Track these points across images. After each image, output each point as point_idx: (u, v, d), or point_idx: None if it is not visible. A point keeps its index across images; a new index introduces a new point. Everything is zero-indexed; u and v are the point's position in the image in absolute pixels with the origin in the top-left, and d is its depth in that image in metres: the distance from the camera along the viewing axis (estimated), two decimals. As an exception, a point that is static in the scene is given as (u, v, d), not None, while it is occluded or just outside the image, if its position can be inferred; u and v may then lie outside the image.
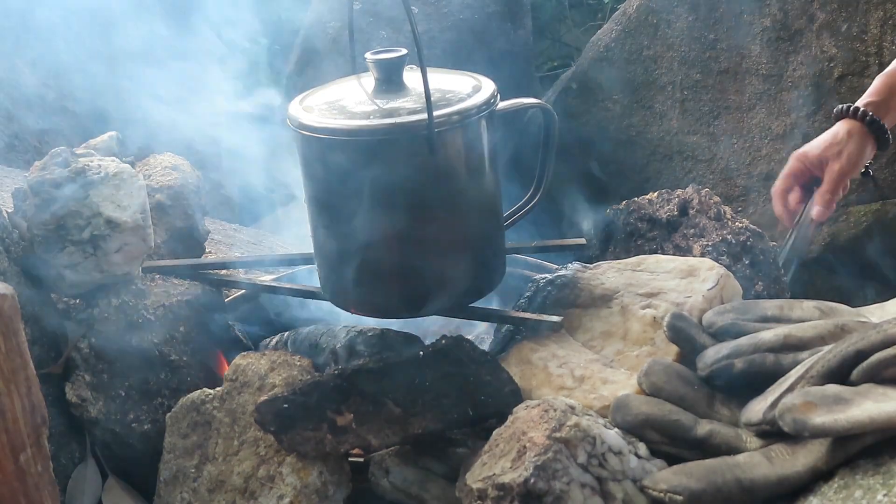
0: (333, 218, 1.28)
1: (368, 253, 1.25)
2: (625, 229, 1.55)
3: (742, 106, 2.92)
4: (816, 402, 0.96)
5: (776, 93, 2.85)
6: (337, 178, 1.24)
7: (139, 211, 1.42)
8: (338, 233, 1.28)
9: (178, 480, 1.30)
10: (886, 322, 1.01)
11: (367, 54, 1.27)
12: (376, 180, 1.21)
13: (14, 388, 1.03)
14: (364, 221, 1.24)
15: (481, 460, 1.08)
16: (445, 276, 1.28)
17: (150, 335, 1.40)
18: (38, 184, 1.38)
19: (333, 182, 1.25)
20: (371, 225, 1.24)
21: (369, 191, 1.21)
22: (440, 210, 1.24)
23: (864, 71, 2.73)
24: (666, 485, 1.01)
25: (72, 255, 1.38)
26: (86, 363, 1.38)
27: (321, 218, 1.30)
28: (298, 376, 1.27)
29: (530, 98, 1.36)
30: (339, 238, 1.28)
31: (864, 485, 0.93)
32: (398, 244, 1.25)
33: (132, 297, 1.41)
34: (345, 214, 1.25)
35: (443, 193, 1.24)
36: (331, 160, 1.24)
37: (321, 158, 1.25)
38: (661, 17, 2.91)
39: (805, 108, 2.80)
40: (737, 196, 2.96)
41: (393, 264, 1.26)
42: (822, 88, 2.76)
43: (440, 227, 1.25)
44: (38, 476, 1.07)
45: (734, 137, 2.93)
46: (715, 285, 1.27)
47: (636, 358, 1.21)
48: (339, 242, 1.29)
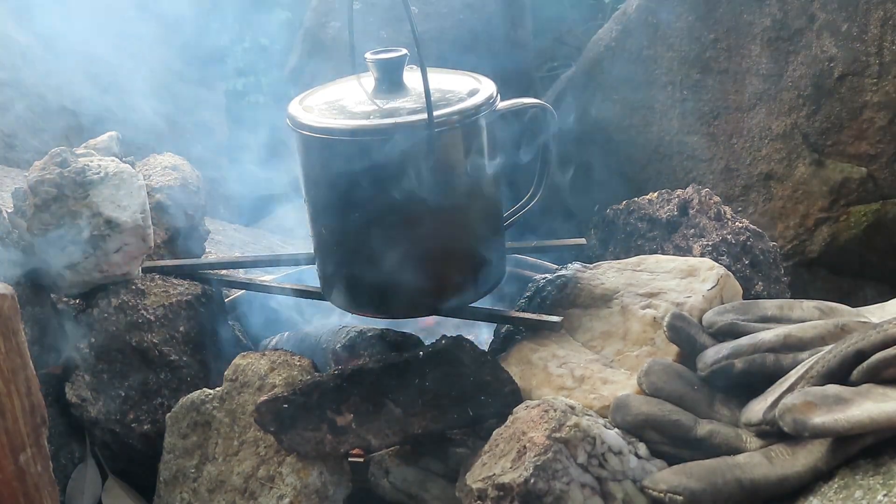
0: (333, 218, 1.28)
1: (368, 253, 1.25)
2: (625, 229, 1.55)
3: (742, 106, 2.92)
4: (816, 402, 0.96)
5: (776, 93, 2.85)
6: (337, 177, 1.24)
7: (139, 211, 1.42)
8: (338, 233, 1.28)
9: (178, 480, 1.30)
10: (886, 322, 1.01)
11: (367, 54, 1.27)
12: (376, 180, 1.21)
13: (14, 388, 1.03)
14: (364, 221, 1.24)
15: (481, 460, 1.08)
16: (445, 275, 1.28)
17: (150, 335, 1.40)
18: (38, 184, 1.38)
19: (333, 182, 1.25)
20: (371, 225, 1.24)
21: (369, 191, 1.21)
22: (440, 210, 1.24)
23: (864, 71, 2.73)
24: (666, 485, 1.01)
25: (72, 255, 1.38)
26: (86, 363, 1.38)
27: (321, 218, 1.30)
28: (298, 376, 1.27)
29: (530, 98, 1.36)
30: (339, 238, 1.28)
31: (864, 485, 0.93)
32: (398, 244, 1.25)
33: (132, 297, 1.41)
34: (345, 214, 1.25)
35: (442, 193, 1.24)
36: (331, 160, 1.24)
37: (321, 158, 1.25)
38: (661, 17, 2.91)
39: (805, 107, 2.80)
40: (737, 196, 2.96)
41: (393, 264, 1.26)
42: (822, 88, 2.75)
43: (440, 227, 1.25)
44: (38, 476, 1.08)
45: (734, 137, 2.93)
46: (715, 285, 1.27)
47: (636, 358, 1.21)
48: (339, 242, 1.29)
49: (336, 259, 1.31)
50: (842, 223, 2.79)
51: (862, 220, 2.79)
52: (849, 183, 2.78)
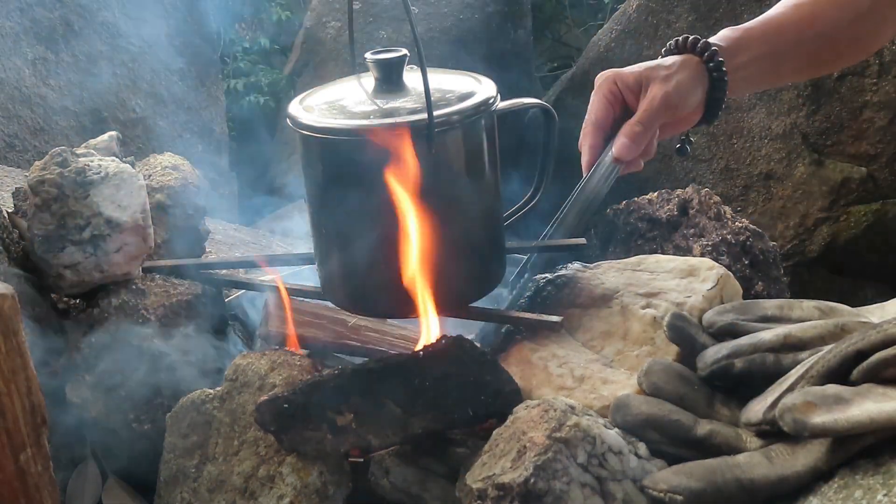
0: (333, 217, 1.28)
1: (368, 253, 1.26)
2: (625, 229, 1.55)
3: (742, 106, 2.92)
4: (816, 402, 0.96)
5: (776, 93, 2.85)
6: (337, 177, 1.24)
7: (139, 211, 1.42)
8: (337, 232, 1.28)
9: (178, 480, 1.30)
10: (886, 322, 1.01)
11: (367, 54, 1.27)
12: (376, 180, 1.21)
13: (14, 388, 1.03)
14: (364, 221, 1.24)
15: (481, 460, 1.08)
16: (445, 275, 1.28)
17: (150, 335, 1.40)
18: (38, 184, 1.38)
19: (333, 181, 1.25)
20: (371, 225, 1.24)
21: (369, 190, 1.21)
22: (440, 210, 1.24)
23: (864, 71, 2.73)
24: (666, 485, 1.01)
25: (72, 255, 1.38)
26: (86, 363, 1.38)
27: (321, 217, 1.30)
28: (298, 376, 1.27)
29: (530, 98, 1.36)
30: (338, 238, 1.28)
31: (864, 485, 0.93)
32: (398, 244, 1.25)
33: (132, 297, 1.42)
34: (345, 214, 1.25)
35: (443, 193, 1.24)
36: (331, 160, 1.24)
37: (321, 158, 1.25)
38: (661, 17, 2.91)
39: (805, 108, 2.80)
40: (737, 196, 2.96)
41: (392, 264, 1.26)
42: (822, 88, 2.76)
43: (440, 226, 1.25)
44: (38, 476, 1.08)
45: (734, 137, 2.93)
46: (715, 285, 1.27)
47: (636, 358, 1.21)
48: (339, 242, 1.29)
49: (336, 259, 1.31)
50: (842, 223, 2.79)
51: (862, 220, 2.79)
52: (849, 183, 2.78)
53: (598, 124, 1.26)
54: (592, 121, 1.26)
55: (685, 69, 1.21)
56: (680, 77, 1.20)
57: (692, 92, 1.22)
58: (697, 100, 1.23)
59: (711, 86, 1.23)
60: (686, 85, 1.21)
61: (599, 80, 1.25)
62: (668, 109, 1.21)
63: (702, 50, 1.22)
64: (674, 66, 1.22)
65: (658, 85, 1.19)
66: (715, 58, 1.22)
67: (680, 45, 1.24)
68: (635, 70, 1.22)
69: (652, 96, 1.20)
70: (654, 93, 1.20)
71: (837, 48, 1.33)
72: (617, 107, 1.25)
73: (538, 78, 3.75)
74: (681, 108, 1.22)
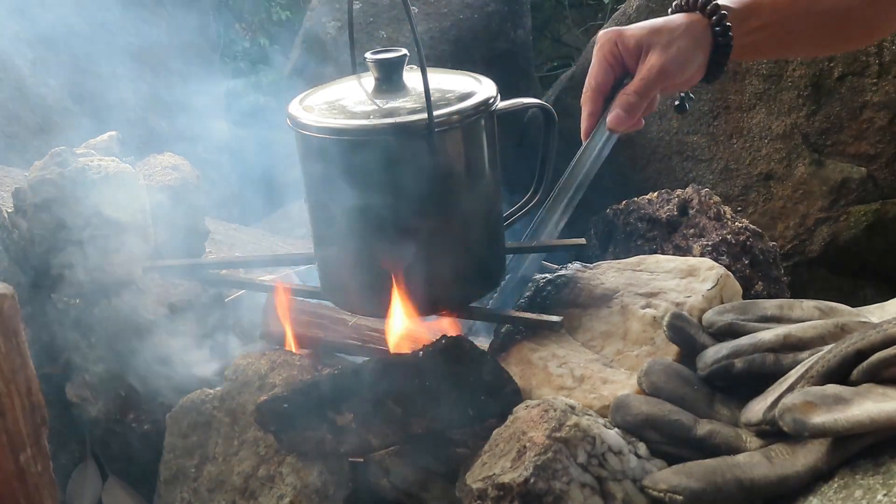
0: (333, 217, 1.28)
1: (368, 253, 1.25)
2: (625, 229, 1.55)
3: (742, 106, 2.92)
4: (816, 402, 0.96)
5: (776, 93, 2.85)
6: (336, 177, 1.24)
7: (139, 211, 1.42)
8: (337, 232, 1.28)
9: (178, 480, 1.30)
10: (886, 322, 1.01)
11: (367, 54, 1.27)
12: (376, 180, 1.21)
13: (14, 388, 1.03)
14: (363, 221, 1.24)
15: (481, 460, 1.08)
16: (445, 276, 1.28)
17: (150, 335, 1.40)
18: (38, 184, 1.38)
19: (333, 182, 1.25)
20: (370, 224, 1.24)
21: (369, 190, 1.21)
22: (440, 210, 1.24)
23: (864, 71, 2.73)
24: (666, 485, 1.01)
25: (72, 255, 1.38)
26: (86, 363, 1.38)
27: (321, 217, 1.30)
28: (298, 376, 1.27)
29: (530, 98, 1.36)
30: (338, 238, 1.28)
31: (864, 485, 0.93)
32: (397, 244, 1.25)
33: (132, 297, 1.42)
34: (344, 214, 1.25)
35: (442, 193, 1.24)
36: (330, 160, 1.24)
37: (321, 158, 1.25)
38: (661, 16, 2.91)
39: (805, 108, 2.80)
40: (737, 196, 2.96)
41: (392, 264, 1.26)
42: (822, 88, 2.76)
43: (440, 226, 1.25)
44: (38, 476, 1.07)
45: (734, 137, 2.93)
46: (715, 285, 1.27)
47: (636, 358, 1.21)
48: (339, 242, 1.29)
49: (335, 258, 1.31)
50: (842, 223, 2.79)
51: (862, 220, 2.79)
52: (849, 183, 2.79)
53: (599, 89, 1.24)
54: (592, 86, 1.24)
55: (688, 34, 1.17)
56: (681, 43, 1.17)
57: (693, 58, 1.19)
58: (698, 64, 1.20)
59: (715, 50, 1.20)
60: (687, 52, 1.17)
61: (602, 38, 1.22)
62: (667, 78, 1.19)
63: (711, 12, 1.19)
64: (677, 31, 1.18)
65: (657, 53, 1.17)
66: (722, 22, 1.18)
67: (687, 3, 1.21)
68: (637, 32, 1.19)
69: (650, 65, 1.17)
70: (653, 62, 1.17)
71: (848, 27, 1.30)
72: (618, 69, 1.23)
73: (538, 78, 3.75)
74: (679, 75, 1.20)
